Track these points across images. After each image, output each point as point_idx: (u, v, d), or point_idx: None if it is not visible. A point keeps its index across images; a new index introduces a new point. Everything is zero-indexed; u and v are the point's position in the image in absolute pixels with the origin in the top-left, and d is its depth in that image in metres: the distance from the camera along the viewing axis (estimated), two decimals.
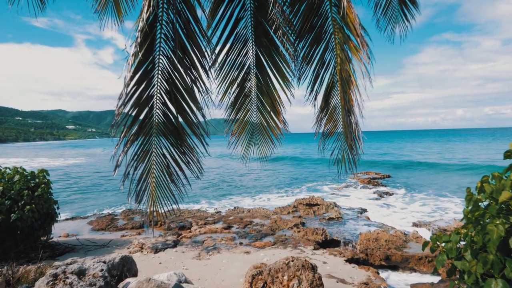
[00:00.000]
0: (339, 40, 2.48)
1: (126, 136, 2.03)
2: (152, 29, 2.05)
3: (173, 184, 2.23)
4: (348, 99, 2.41)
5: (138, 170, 2.11)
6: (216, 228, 9.31)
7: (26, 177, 7.60)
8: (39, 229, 7.43)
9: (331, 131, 2.72)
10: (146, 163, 2.14)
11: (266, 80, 2.93)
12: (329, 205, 12.24)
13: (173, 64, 2.12)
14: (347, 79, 2.41)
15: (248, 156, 3.35)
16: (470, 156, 36.11)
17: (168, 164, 2.22)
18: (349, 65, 2.37)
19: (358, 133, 2.37)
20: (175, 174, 2.23)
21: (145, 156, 2.13)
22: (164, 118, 2.17)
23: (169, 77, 2.15)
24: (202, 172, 2.20)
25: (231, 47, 2.93)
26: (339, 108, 2.63)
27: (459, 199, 14.39)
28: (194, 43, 2.15)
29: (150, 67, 2.10)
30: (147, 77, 2.09)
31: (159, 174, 2.19)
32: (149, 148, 2.14)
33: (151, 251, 7.66)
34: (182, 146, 2.19)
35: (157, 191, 2.17)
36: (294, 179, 23.49)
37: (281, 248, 7.41)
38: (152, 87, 2.12)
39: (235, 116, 3.09)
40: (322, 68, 2.64)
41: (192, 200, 15.79)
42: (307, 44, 2.65)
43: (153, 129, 2.14)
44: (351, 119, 2.42)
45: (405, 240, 7.55)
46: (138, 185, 2.10)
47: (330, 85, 2.64)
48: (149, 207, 2.11)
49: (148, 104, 2.11)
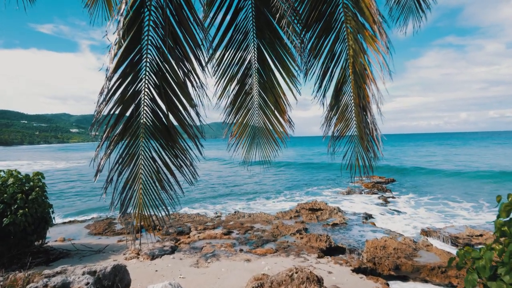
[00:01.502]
0: (352, 30, 2.20)
1: (109, 137, 1.76)
2: (138, 15, 1.79)
3: (164, 192, 1.95)
4: (363, 95, 2.12)
5: (123, 176, 1.83)
6: (215, 234, 9.00)
7: (20, 180, 7.36)
8: (32, 234, 7.17)
9: (342, 132, 2.43)
10: (133, 168, 1.87)
11: (269, 75, 2.65)
12: (333, 210, 11.89)
13: (163, 55, 1.86)
14: (361, 73, 2.13)
15: (250, 159, 3.07)
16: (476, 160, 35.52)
17: (158, 168, 1.94)
18: (364, 57, 2.09)
19: (375, 133, 2.08)
20: (165, 180, 1.95)
21: (131, 159, 1.86)
22: (153, 117, 1.90)
23: (158, 70, 1.88)
24: (196, 177, 1.92)
25: (230, 40, 2.66)
26: (351, 106, 2.34)
27: (468, 204, 13.97)
28: (187, 32, 1.88)
29: (137, 58, 1.84)
30: (133, 69, 1.83)
31: (148, 180, 1.91)
32: (136, 150, 1.87)
33: (148, 257, 7.37)
34: (173, 148, 1.91)
35: (145, 199, 1.89)
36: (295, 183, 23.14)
37: (283, 256, 7.08)
38: (139, 81, 1.86)
39: (234, 116, 2.82)
40: (331, 61, 2.36)
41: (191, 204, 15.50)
42: (315, 35, 2.38)
43: (140, 129, 1.87)
44: (367, 118, 2.13)
45: (415, 248, 7.19)
46: (123, 193, 1.82)
47: (341, 80, 2.36)
48: (135, 218, 1.83)
49: (135, 101, 1.84)
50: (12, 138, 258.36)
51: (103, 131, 1.74)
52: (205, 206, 15.22)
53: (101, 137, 1.73)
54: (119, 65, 1.74)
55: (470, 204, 13.96)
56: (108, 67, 1.64)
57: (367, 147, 2.26)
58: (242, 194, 18.37)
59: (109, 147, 1.76)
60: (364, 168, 2.34)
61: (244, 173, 28.81)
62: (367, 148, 2.26)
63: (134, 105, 1.84)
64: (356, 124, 2.33)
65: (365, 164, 2.34)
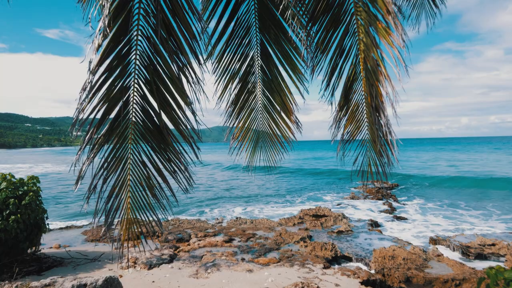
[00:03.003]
0: (363, 22, 2.01)
1: (92, 139, 1.56)
2: (127, 1, 1.61)
3: (155, 200, 1.73)
4: (376, 93, 1.91)
5: (108, 183, 1.62)
6: (216, 241, 8.72)
7: (14, 185, 7.15)
8: (24, 241, 6.92)
9: (353, 135, 2.21)
10: (120, 174, 1.66)
11: (274, 73, 2.46)
12: (337, 216, 11.56)
13: (155, 47, 1.67)
14: (373, 69, 1.92)
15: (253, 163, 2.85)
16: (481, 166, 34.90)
17: (149, 174, 1.73)
18: (376, 52, 1.89)
19: (389, 137, 1.86)
20: (157, 187, 1.73)
21: (118, 164, 1.65)
22: (144, 116, 1.70)
23: (149, 63, 1.69)
24: (192, 184, 1.70)
25: (231, 35, 2.48)
26: (363, 106, 2.13)
27: (476, 212, 13.56)
28: (181, 21, 1.70)
29: (126, 50, 1.65)
30: (121, 63, 1.63)
31: (137, 188, 1.70)
32: (124, 154, 1.66)
33: (145, 267, 7.10)
34: (166, 151, 1.71)
35: (133, 209, 1.68)
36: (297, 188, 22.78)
37: (287, 266, 6.78)
38: (127, 76, 1.66)
39: (236, 117, 2.62)
40: (340, 56, 2.16)
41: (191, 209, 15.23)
42: (322, 28, 2.19)
43: (128, 129, 1.67)
44: (380, 119, 1.91)
45: (425, 259, 6.86)
46: (109, 202, 1.61)
47: (351, 78, 2.15)
48: (122, 231, 1.62)
49: (123, 98, 1.65)
50: (16, 141, 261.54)
51: (86, 131, 1.54)
52: (206, 211, 14.94)
53: (83, 138, 1.53)
54: (104, 58, 1.55)
55: (479, 212, 13.55)
56: (92, 59, 1.45)
57: (380, 151, 2.03)
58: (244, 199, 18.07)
59: (93, 150, 1.56)
60: (377, 175, 2.11)
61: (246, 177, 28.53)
62: (380, 152, 2.04)
63: (122, 102, 1.64)
64: (368, 126, 2.12)
65: (378, 170, 2.11)
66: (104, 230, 1.55)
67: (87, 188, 1.63)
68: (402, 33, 1.75)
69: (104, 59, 1.56)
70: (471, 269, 6.63)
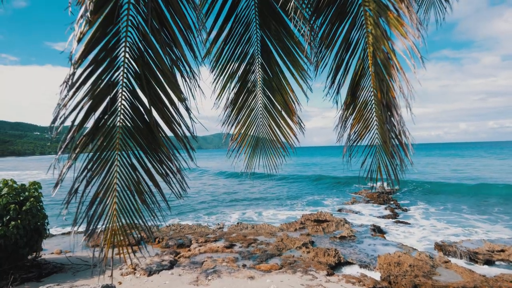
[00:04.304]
0: (372, 13, 1.86)
1: (74, 138, 1.41)
2: None
3: (145, 206, 1.58)
4: (387, 89, 1.76)
5: (91, 187, 1.47)
6: (217, 247, 8.53)
7: (15, 190, 7.04)
8: (24, 247, 6.79)
9: (360, 135, 2.06)
10: (105, 177, 1.51)
11: (275, 70, 2.31)
12: (339, 221, 11.34)
13: (146, 38, 1.53)
14: (384, 63, 1.77)
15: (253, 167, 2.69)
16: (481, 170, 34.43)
17: (139, 178, 1.57)
18: (387, 44, 1.74)
19: (403, 137, 1.70)
20: (148, 192, 1.58)
21: (104, 166, 1.50)
22: (133, 113, 1.55)
23: (140, 56, 1.55)
24: (185, 188, 1.55)
25: (230, 32, 2.34)
26: (371, 104, 1.98)
27: (480, 216, 13.28)
28: (175, 10, 1.56)
29: (114, 41, 1.51)
30: (108, 55, 1.49)
31: (124, 193, 1.54)
32: (110, 155, 1.51)
33: (145, 273, 6.92)
34: (157, 152, 1.55)
35: (120, 216, 1.52)
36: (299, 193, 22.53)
37: (290, 273, 6.57)
38: (115, 70, 1.52)
39: (235, 118, 2.47)
40: (347, 51, 2.02)
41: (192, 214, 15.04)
42: (327, 21, 2.04)
43: (116, 128, 1.52)
44: (392, 117, 1.76)
45: (432, 265, 6.63)
46: (91, 208, 1.45)
47: (359, 73, 2.00)
48: (106, 241, 1.46)
49: (110, 94, 1.50)
50: (25, 149, 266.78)
51: (67, 130, 1.39)
52: (207, 217, 14.74)
53: (64, 137, 1.38)
54: (89, 49, 1.41)
55: (484, 216, 13.27)
56: (73, 49, 1.30)
57: (391, 153, 1.87)
58: (245, 205, 17.86)
59: (75, 151, 1.41)
60: (388, 179, 1.94)
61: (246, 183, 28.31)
62: (392, 154, 1.88)
63: (109, 98, 1.50)
64: (377, 125, 1.96)
65: (389, 174, 1.95)
66: (85, 238, 1.40)
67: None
68: (416, 22, 1.60)
69: (89, 51, 1.42)
70: (482, 276, 6.39)
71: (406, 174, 1.91)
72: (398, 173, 1.88)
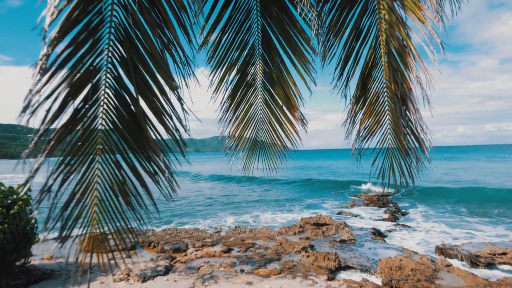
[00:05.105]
0: None
1: (48, 129, 1.22)
2: None
3: (130, 209, 1.38)
4: (402, 80, 1.59)
5: (68, 185, 1.27)
6: (214, 252, 8.29)
7: (3, 193, 6.77)
8: (11, 253, 6.50)
9: (371, 130, 1.88)
10: (84, 174, 1.31)
11: (277, 62, 2.14)
12: (339, 225, 11.16)
13: (134, 18, 1.34)
14: (399, 51, 1.60)
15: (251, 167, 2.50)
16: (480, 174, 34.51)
17: (124, 177, 1.38)
18: (403, 30, 1.57)
19: (420, 132, 1.53)
20: (134, 192, 1.38)
21: (83, 162, 1.30)
22: (118, 102, 1.36)
23: (127, 38, 1.36)
24: (175, 189, 1.36)
25: (229, 21, 2.17)
26: (384, 96, 1.81)
27: (480, 219, 13.17)
28: None
29: (97, 21, 1.32)
30: (91, 36, 1.31)
31: (106, 193, 1.35)
32: (90, 149, 1.32)
33: (139, 279, 6.66)
34: (145, 147, 1.36)
35: (100, 219, 1.33)
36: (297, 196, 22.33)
37: (289, 278, 6.35)
38: (98, 54, 1.33)
39: (234, 113, 2.28)
40: (357, 39, 1.85)
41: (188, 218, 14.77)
42: (336, 6, 1.88)
43: (98, 119, 1.33)
44: (408, 110, 1.59)
45: (434, 269, 6.46)
46: (66, 208, 1.26)
47: (370, 64, 1.83)
48: (84, 248, 1.26)
49: (92, 80, 1.31)
50: (18, 151, 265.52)
51: (41, 120, 1.20)
52: (204, 220, 14.47)
53: (35, 130, 1.19)
54: (68, 28, 1.22)
55: (484, 219, 13.16)
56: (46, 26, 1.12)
57: (406, 149, 1.69)
58: (243, 208, 17.61)
59: (50, 144, 1.21)
60: (402, 177, 1.77)
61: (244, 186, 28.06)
62: (407, 151, 1.70)
63: (91, 85, 1.31)
64: (390, 119, 1.79)
65: (403, 172, 1.77)
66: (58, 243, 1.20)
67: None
68: (436, 4, 1.44)
69: (68, 30, 1.23)
70: (485, 280, 6.24)
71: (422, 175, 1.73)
72: (413, 172, 1.70)
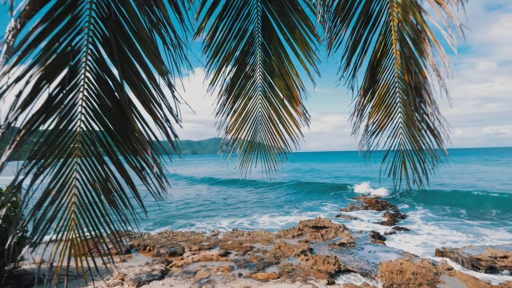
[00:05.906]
0: None
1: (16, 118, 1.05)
2: None
3: (114, 209, 1.21)
4: (416, 69, 1.44)
5: (42, 181, 1.10)
6: (211, 255, 8.08)
7: None
8: (0, 257, 6.27)
9: (381, 124, 1.73)
10: (61, 169, 1.14)
11: (278, 51, 1.99)
12: (338, 228, 10.99)
13: None
14: (413, 37, 1.46)
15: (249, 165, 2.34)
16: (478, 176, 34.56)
17: (106, 172, 1.21)
18: (419, 14, 1.43)
19: (437, 126, 1.38)
20: (117, 190, 1.22)
21: (59, 155, 1.14)
22: (100, 89, 1.20)
23: (110, 15, 1.20)
24: (165, 187, 1.19)
25: (226, 7, 2.02)
26: (394, 87, 1.66)
27: (480, 222, 13.07)
28: None
29: None
30: (68, 12, 1.15)
31: (85, 191, 1.18)
32: (68, 141, 1.15)
33: (133, 284, 6.44)
34: (130, 139, 1.20)
35: (79, 221, 1.16)
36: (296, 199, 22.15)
37: (289, 282, 6.17)
38: (77, 32, 1.17)
39: (231, 107, 2.13)
40: (365, 26, 1.71)
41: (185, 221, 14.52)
42: None
43: (77, 106, 1.17)
44: (423, 102, 1.44)
45: (435, 273, 6.31)
46: (39, 208, 1.09)
47: (380, 52, 1.69)
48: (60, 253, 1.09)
49: (69, 62, 1.15)
50: None
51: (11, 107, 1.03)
52: (201, 223, 14.23)
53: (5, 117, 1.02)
54: (41, 0, 1.06)
55: (484, 222, 13.06)
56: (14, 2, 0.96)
57: (420, 146, 1.55)
58: (241, 211, 17.39)
59: (20, 134, 1.05)
60: (415, 174, 1.62)
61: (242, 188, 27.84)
62: (420, 147, 1.56)
63: (69, 68, 1.15)
64: (402, 111, 1.64)
65: (416, 169, 1.62)
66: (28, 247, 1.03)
67: None
68: None
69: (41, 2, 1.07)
70: (487, 284, 6.11)
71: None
72: (427, 169, 1.55)
